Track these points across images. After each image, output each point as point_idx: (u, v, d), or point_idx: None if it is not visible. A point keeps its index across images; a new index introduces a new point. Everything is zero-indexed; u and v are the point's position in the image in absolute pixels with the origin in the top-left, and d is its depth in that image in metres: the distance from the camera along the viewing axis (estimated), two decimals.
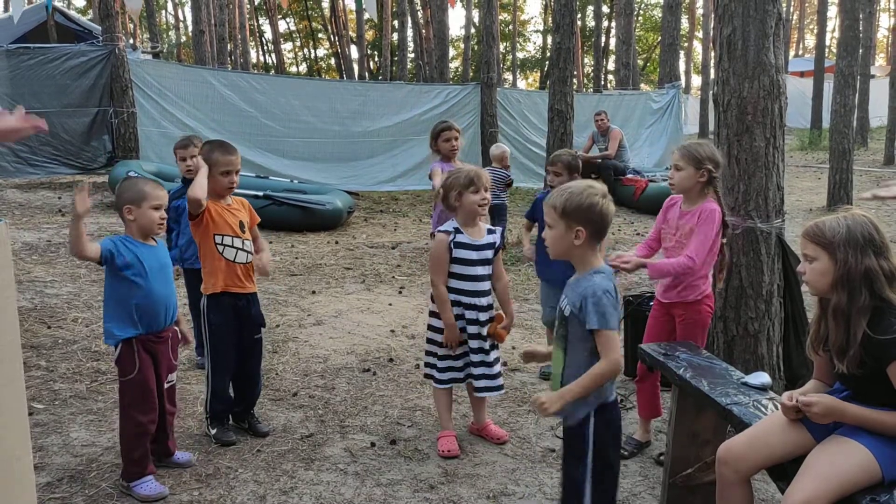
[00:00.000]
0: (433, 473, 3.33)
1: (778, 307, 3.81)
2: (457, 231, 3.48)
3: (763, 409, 2.59)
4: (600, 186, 2.44)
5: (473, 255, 3.49)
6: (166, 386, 3.21)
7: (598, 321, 2.34)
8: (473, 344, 3.53)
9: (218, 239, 3.47)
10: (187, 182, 4.03)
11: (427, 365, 3.66)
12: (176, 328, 3.23)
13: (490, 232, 3.57)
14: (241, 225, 3.56)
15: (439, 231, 3.52)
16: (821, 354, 2.46)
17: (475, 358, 3.54)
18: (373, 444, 3.59)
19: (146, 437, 3.10)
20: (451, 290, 3.50)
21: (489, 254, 3.53)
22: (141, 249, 3.05)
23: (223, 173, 3.47)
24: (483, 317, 3.52)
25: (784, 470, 2.38)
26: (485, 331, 3.51)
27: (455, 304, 3.50)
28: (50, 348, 4.65)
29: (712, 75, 3.98)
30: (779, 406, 2.64)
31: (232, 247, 3.50)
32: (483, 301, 3.53)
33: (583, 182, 2.49)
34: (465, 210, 3.47)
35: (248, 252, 3.57)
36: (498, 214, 7.51)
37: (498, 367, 3.61)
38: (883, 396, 2.26)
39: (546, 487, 3.22)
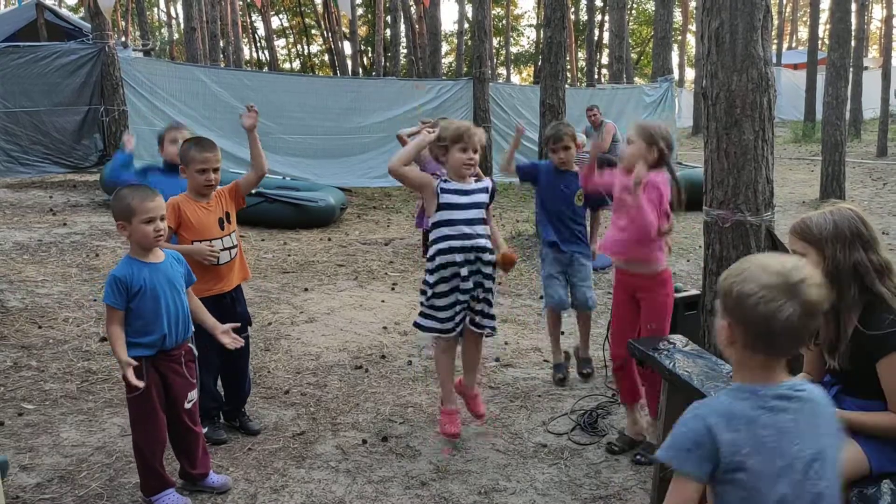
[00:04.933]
0: (424, 470, 3.32)
1: None
2: (444, 181, 3.41)
3: None
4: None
5: (463, 199, 3.40)
6: (187, 406, 2.99)
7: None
8: (468, 284, 3.41)
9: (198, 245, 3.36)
10: (169, 167, 3.97)
11: (424, 316, 3.50)
12: (190, 345, 3.05)
13: (479, 181, 3.49)
14: (222, 222, 3.47)
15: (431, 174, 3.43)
16: (811, 349, 2.46)
17: (465, 299, 3.45)
18: (364, 442, 3.58)
19: (158, 450, 2.94)
20: (442, 237, 3.40)
21: (481, 197, 3.44)
22: (144, 271, 2.83)
23: (199, 171, 3.37)
24: (485, 256, 3.42)
25: None
26: (487, 270, 3.45)
27: (447, 250, 3.39)
28: (41, 348, 4.63)
29: None
30: None
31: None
32: (482, 241, 3.41)
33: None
34: (451, 167, 3.41)
35: (230, 248, 3.49)
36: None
37: (494, 310, 3.60)
38: (872, 391, 2.26)
39: (537, 483, 3.22)
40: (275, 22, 42.37)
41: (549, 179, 4.37)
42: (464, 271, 3.40)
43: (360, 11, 36.72)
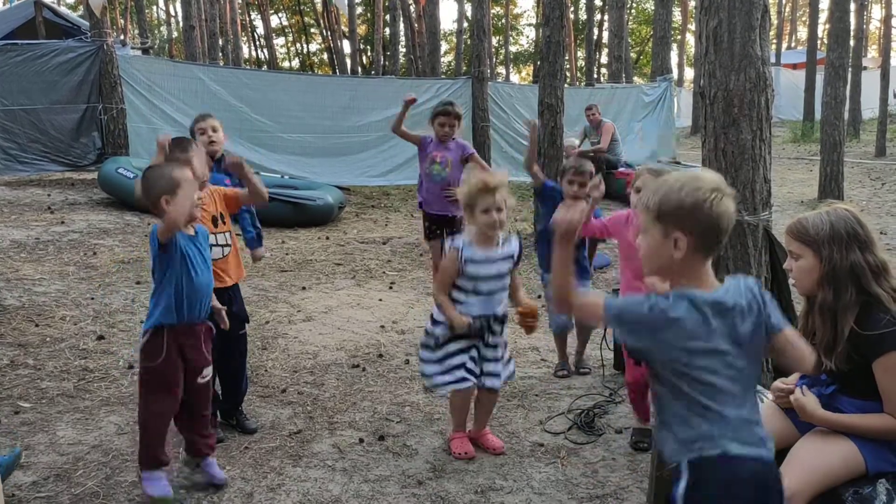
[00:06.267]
0: (421, 469, 3.32)
1: None
2: (467, 245, 3.28)
3: None
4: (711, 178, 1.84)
5: (486, 270, 3.28)
6: (200, 381, 3.06)
7: None
8: (488, 353, 3.37)
9: None
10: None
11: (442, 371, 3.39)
12: (209, 322, 3.10)
13: (507, 242, 3.35)
14: (216, 220, 3.48)
15: (450, 248, 3.30)
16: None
17: (490, 367, 3.39)
18: (361, 441, 3.58)
19: (163, 425, 2.97)
20: (459, 303, 3.31)
21: (505, 267, 3.32)
22: (187, 240, 2.93)
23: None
24: (497, 328, 3.37)
25: None
26: (500, 339, 3.41)
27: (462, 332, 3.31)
28: (37, 346, 4.62)
29: None
30: (765, 399, 2.65)
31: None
32: (498, 311, 3.37)
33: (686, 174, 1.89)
34: (477, 230, 3.29)
35: (223, 246, 3.50)
36: None
37: (511, 365, 3.55)
38: (868, 390, 2.26)
39: (534, 482, 3.22)
40: (274, 20, 42.36)
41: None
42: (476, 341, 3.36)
43: (359, 10, 36.68)
